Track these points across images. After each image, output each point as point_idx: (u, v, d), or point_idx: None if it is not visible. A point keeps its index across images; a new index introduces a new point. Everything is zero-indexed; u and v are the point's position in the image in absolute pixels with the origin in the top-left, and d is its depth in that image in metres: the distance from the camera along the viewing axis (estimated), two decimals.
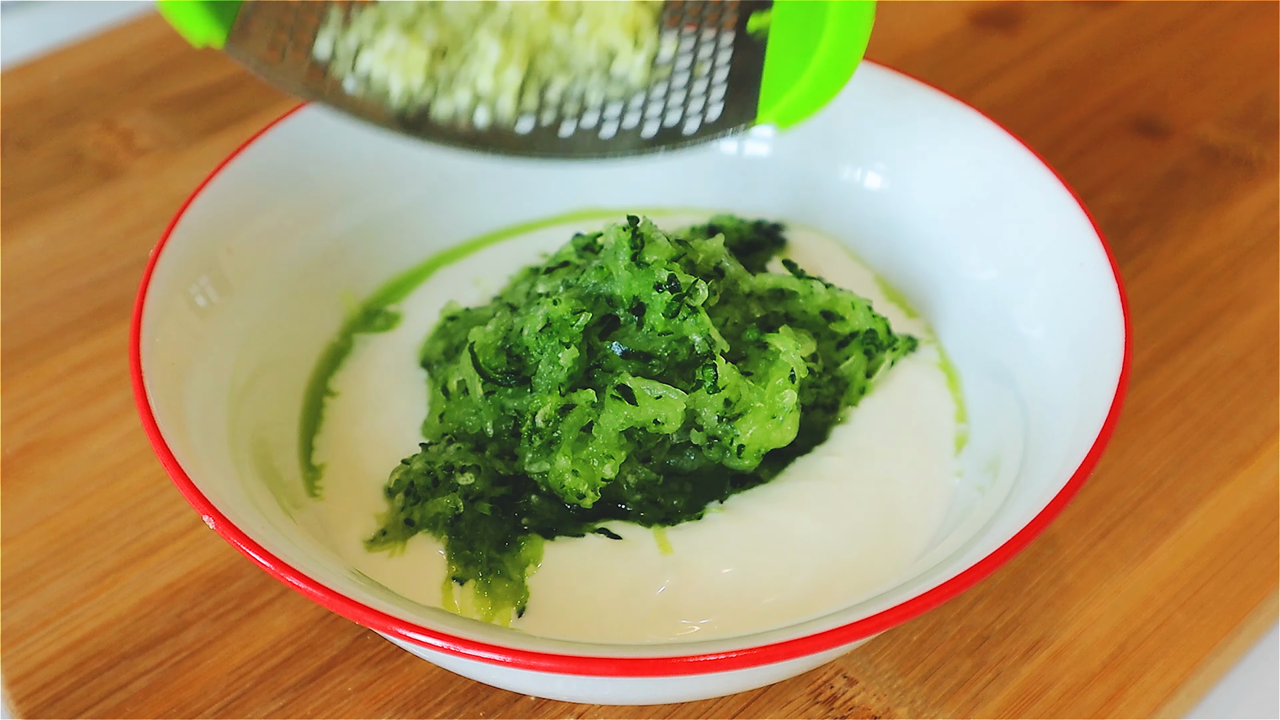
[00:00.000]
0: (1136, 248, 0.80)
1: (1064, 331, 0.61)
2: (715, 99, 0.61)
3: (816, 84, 0.57)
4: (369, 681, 0.60)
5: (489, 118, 0.60)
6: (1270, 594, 0.63)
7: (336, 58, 0.60)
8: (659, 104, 0.61)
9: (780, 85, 0.59)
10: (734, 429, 0.59)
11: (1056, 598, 0.63)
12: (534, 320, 0.59)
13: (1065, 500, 0.52)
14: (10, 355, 0.75)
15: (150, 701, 0.59)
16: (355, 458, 0.64)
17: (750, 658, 0.48)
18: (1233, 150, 0.87)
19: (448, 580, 0.58)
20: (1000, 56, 0.95)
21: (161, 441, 0.53)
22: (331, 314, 0.70)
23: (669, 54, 0.62)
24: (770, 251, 0.72)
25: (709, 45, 0.62)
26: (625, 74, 0.62)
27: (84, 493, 0.68)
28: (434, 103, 0.60)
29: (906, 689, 0.59)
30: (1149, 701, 0.59)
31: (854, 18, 0.55)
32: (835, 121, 0.68)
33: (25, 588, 0.64)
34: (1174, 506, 0.66)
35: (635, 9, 0.62)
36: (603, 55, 0.62)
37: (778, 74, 0.60)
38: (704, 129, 0.60)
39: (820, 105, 0.58)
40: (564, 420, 0.58)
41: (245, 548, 0.50)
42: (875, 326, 0.64)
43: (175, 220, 0.63)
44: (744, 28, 0.62)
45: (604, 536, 0.59)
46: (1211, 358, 0.73)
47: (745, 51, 0.62)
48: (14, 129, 0.90)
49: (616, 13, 0.62)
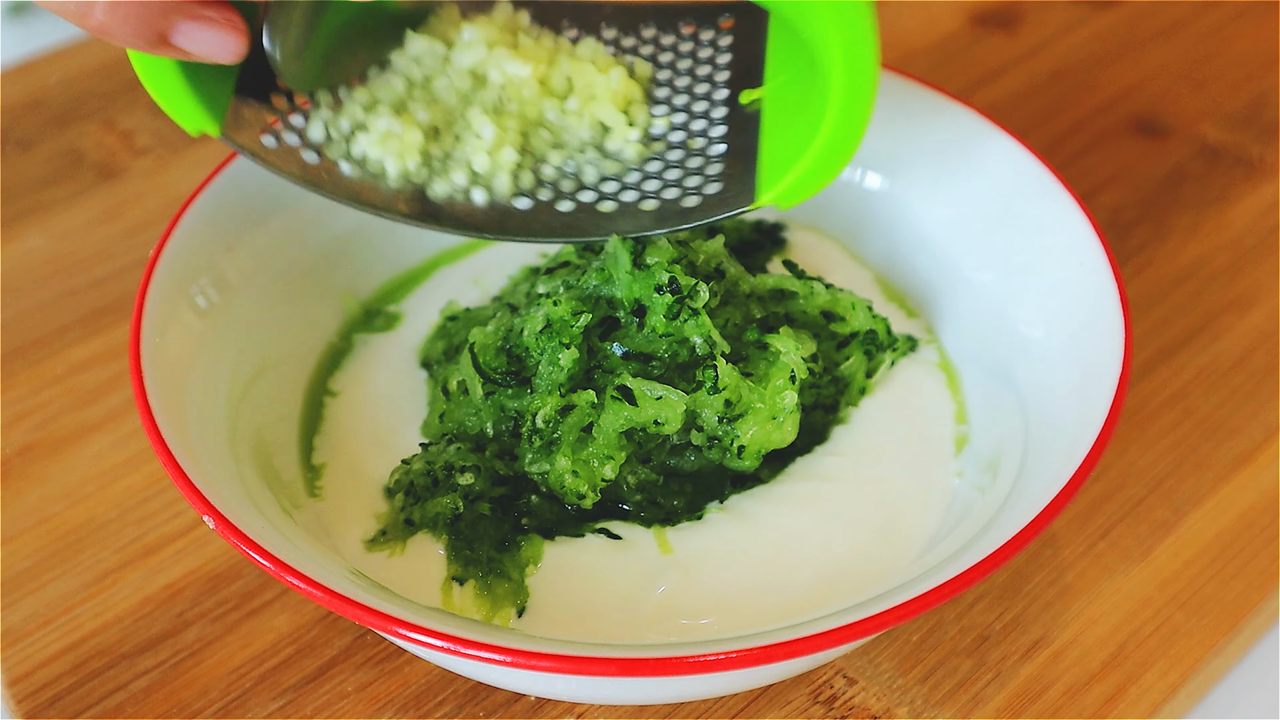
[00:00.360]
0: (1136, 248, 0.80)
1: (1064, 331, 0.61)
2: (714, 174, 0.61)
3: (817, 166, 0.57)
4: (369, 681, 0.60)
5: (486, 197, 0.61)
6: (1270, 594, 0.63)
7: (331, 141, 0.61)
8: (656, 180, 0.62)
9: (780, 164, 0.59)
10: (734, 430, 0.59)
11: (1056, 598, 0.63)
12: (534, 321, 0.59)
13: (1065, 500, 0.52)
14: (10, 355, 0.75)
15: (150, 701, 0.59)
16: (355, 458, 0.64)
17: (750, 658, 0.48)
18: (1233, 150, 0.87)
19: (448, 580, 0.58)
20: (1000, 56, 0.95)
21: (161, 441, 0.53)
22: (331, 314, 0.70)
23: (662, 128, 0.63)
24: (770, 252, 0.72)
25: (701, 120, 0.63)
26: (619, 149, 0.62)
27: (84, 493, 0.68)
28: (430, 184, 0.61)
29: (906, 689, 0.59)
30: (1149, 701, 0.59)
31: (856, 101, 0.55)
32: None
33: (25, 588, 0.64)
34: (1174, 506, 0.66)
35: (626, 84, 0.63)
36: (596, 131, 0.62)
37: (776, 151, 0.60)
38: (705, 206, 0.60)
39: (821, 185, 0.58)
40: (564, 421, 0.58)
41: (245, 548, 0.50)
42: (875, 327, 0.64)
43: (175, 220, 0.63)
44: (736, 101, 0.63)
45: (604, 537, 0.59)
46: (1211, 358, 0.73)
47: (740, 124, 0.62)
48: (14, 129, 0.90)
49: (607, 88, 0.62)
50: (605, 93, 0.62)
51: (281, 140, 0.60)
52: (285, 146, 0.60)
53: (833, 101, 0.55)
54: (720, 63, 0.65)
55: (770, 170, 0.59)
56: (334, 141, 0.61)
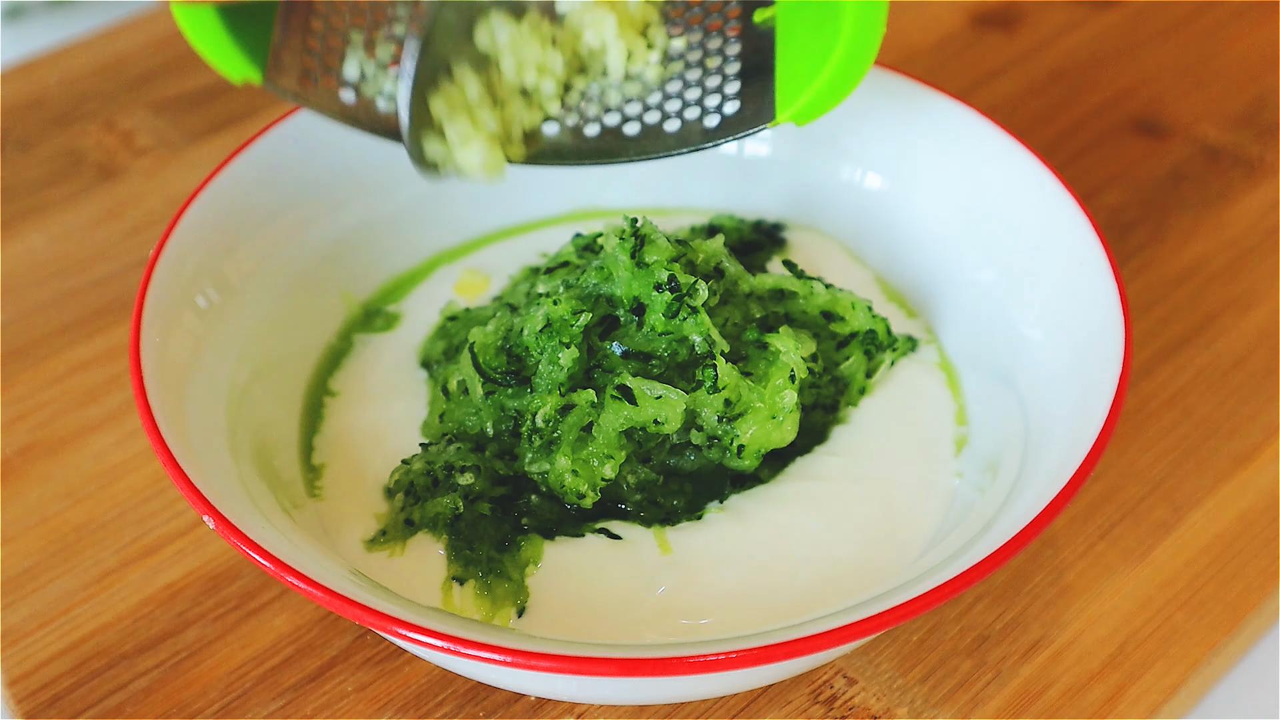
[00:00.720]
0: (1136, 248, 0.80)
1: (1064, 331, 0.61)
2: (731, 93, 0.62)
3: (833, 80, 0.58)
4: (369, 681, 0.60)
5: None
6: (1270, 594, 0.63)
7: (366, 78, 0.62)
8: (677, 100, 0.63)
9: (796, 82, 0.60)
10: (734, 429, 0.59)
11: (1056, 598, 0.63)
12: (534, 320, 0.59)
13: (1065, 500, 0.52)
14: (10, 355, 0.75)
15: (150, 701, 0.59)
16: (355, 458, 0.64)
17: (750, 658, 0.48)
18: (1233, 150, 0.87)
19: (448, 580, 0.58)
20: (1000, 56, 0.95)
21: (161, 441, 0.53)
22: (331, 314, 0.70)
23: (679, 47, 0.63)
24: (770, 251, 0.72)
25: (716, 38, 0.63)
26: (640, 71, 0.63)
27: (84, 493, 0.68)
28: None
29: (906, 689, 0.59)
30: (1149, 701, 0.59)
31: (869, 14, 0.56)
32: (835, 122, 0.68)
33: (25, 588, 0.64)
34: (1174, 506, 0.66)
35: (642, 7, 0.63)
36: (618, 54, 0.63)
37: (791, 70, 0.60)
38: (724, 125, 0.61)
39: (838, 100, 0.59)
40: (564, 420, 0.58)
41: (245, 548, 0.50)
42: (875, 327, 0.64)
43: (175, 220, 0.63)
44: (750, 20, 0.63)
45: (604, 536, 0.59)
46: (1211, 358, 0.73)
47: (754, 43, 0.63)
48: (14, 129, 0.90)
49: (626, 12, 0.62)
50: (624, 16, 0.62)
51: (319, 82, 0.62)
52: (322, 87, 0.62)
53: (846, 16, 0.56)
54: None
55: (787, 88, 0.60)
56: (368, 79, 0.62)
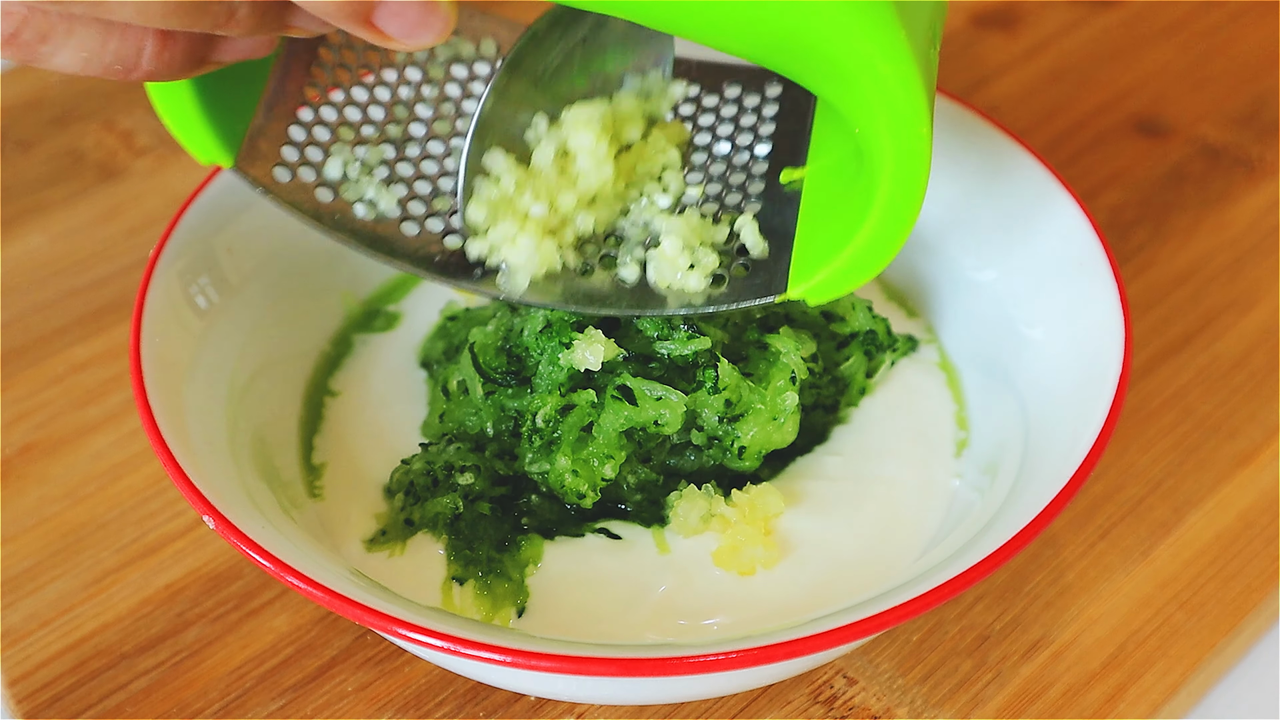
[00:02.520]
0: (1136, 248, 0.80)
1: (1064, 331, 0.61)
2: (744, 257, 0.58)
3: (854, 264, 0.54)
4: (369, 681, 0.60)
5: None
6: (1270, 594, 0.63)
7: (348, 180, 0.60)
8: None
9: (815, 254, 0.56)
10: (735, 430, 0.59)
11: (1056, 598, 0.63)
12: (534, 321, 0.59)
13: (1065, 500, 0.52)
14: (10, 355, 0.75)
15: (150, 701, 0.59)
16: (355, 458, 0.64)
17: (750, 658, 0.48)
18: (1233, 150, 0.87)
19: (448, 580, 0.58)
20: (1000, 56, 0.95)
21: (161, 441, 0.53)
22: (331, 314, 0.70)
23: (695, 196, 0.60)
24: None
25: (737, 194, 0.60)
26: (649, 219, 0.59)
27: (84, 493, 0.68)
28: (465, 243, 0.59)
29: (906, 689, 0.59)
30: (1149, 701, 0.59)
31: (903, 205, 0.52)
32: None
33: (25, 588, 0.64)
34: (1174, 506, 0.66)
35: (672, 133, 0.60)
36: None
37: (812, 240, 0.57)
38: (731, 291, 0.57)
39: (857, 285, 0.55)
40: (564, 420, 0.58)
41: (245, 548, 0.50)
42: (875, 327, 0.64)
43: (175, 220, 0.63)
44: (775, 179, 0.60)
45: (604, 536, 0.59)
46: (1211, 358, 0.74)
47: (777, 205, 0.59)
48: (14, 129, 0.90)
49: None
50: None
51: (296, 176, 0.59)
52: (299, 182, 0.59)
53: (878, 202, 0.52)
54: (763, 133, 0.62)
55: (804, 259, 0.57)
56: (350, 182, 0.60)
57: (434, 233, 0.60)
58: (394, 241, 0.59)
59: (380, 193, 0.59)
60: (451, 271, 0.58)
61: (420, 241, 0.59)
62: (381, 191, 0.60)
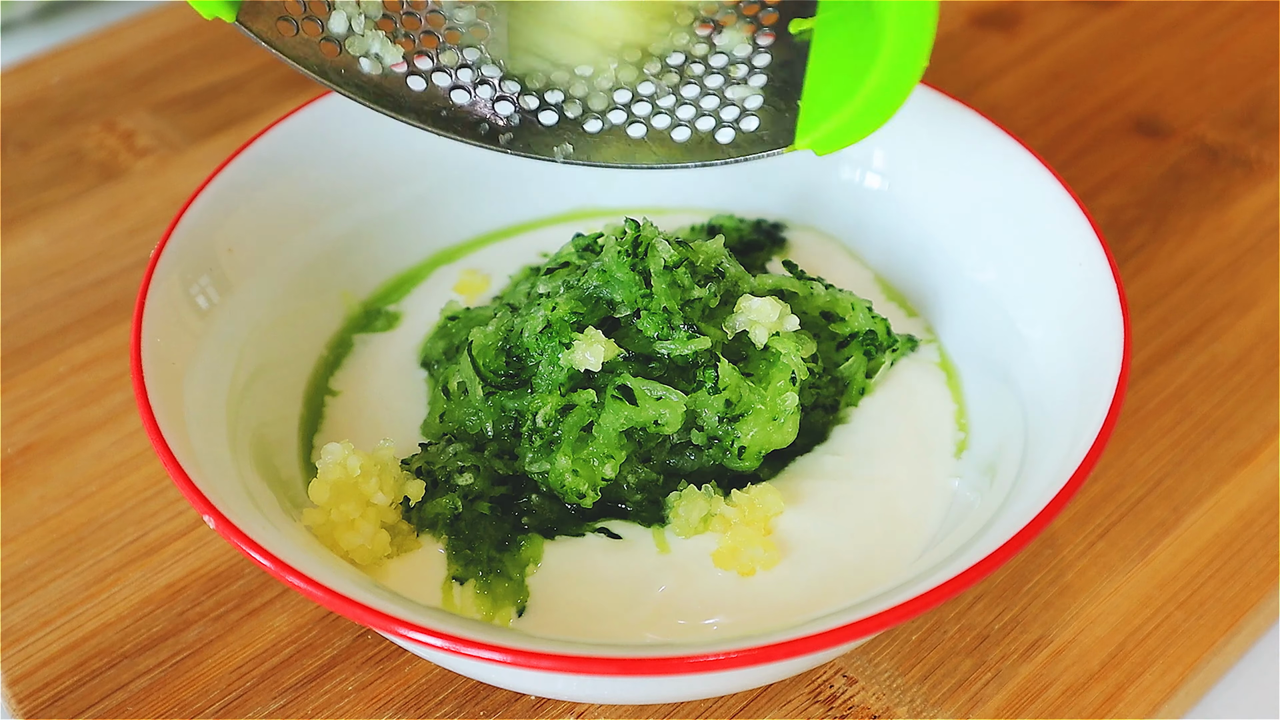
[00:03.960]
0: (1136, 248, 0.80)
1: (1064, 331, 0.61)
2: (752, 107, 0.58)
3: (861, 114, 0.54)
4: (369, 681, 0.60)
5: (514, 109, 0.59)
6: (1269, 594, 0.63)
7: (353, 34, 0.60)
8: (690, 108, 0.59)
9: (822, 106, 0.56)
10: (735, 430, 0.59)
11: (1056, 597, 0.63)
12: (534, 321, 0.60)
13: (1065, 500, 0.52)
14: (11, 355, 0.75)
15: (151, 701, 0.59)
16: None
17: (750, 658, 0.48)
18: (1232, 150, 0.87)
19: (448, 580, 0.58)
20: (1000, 56, 0.95)
21: (162, 441, 0.53)
22: (331, 314, 0.70)
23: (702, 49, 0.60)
24: (770, 251, 0.72)
25: (744, 45, 0.60)
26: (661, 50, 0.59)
27: (84, 493, 0.68)
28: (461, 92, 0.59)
29: (906, 689, 0.59)
30: (1148, 701, 0.59)
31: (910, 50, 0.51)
32: None
33: (25, 588, 0.64)
34: (1173, 506, 0.66)
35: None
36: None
37: (820, 91, 0.57)
38: (739, 141, 0.57)
39: (864, 135, 0.55)
40: (564, 420, 0.58)
41: (245, 547, 0.51)
42: (875, 327, 0.64)
43: (175, 220, 0.63)
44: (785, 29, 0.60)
45: (604, 536, 0.59)
46: (1211, 357, 0.74)
47: (786, 55, 0.59)
48: (14, 129, 0.90)
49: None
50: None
51: (300, 30, 0.59)
52: (303, 36, 0.59)
53: (886, 46, 0.51)
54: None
55: (811, 111, 0.57)
56: (356, 36, 0.60)
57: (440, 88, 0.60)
58: (400, 95, 0.60)
59: (385, 48, 0.60)
60: (457, 127, 0.60)
61: (426, 96, 0.60)
62: (387, 46, 0.60)
